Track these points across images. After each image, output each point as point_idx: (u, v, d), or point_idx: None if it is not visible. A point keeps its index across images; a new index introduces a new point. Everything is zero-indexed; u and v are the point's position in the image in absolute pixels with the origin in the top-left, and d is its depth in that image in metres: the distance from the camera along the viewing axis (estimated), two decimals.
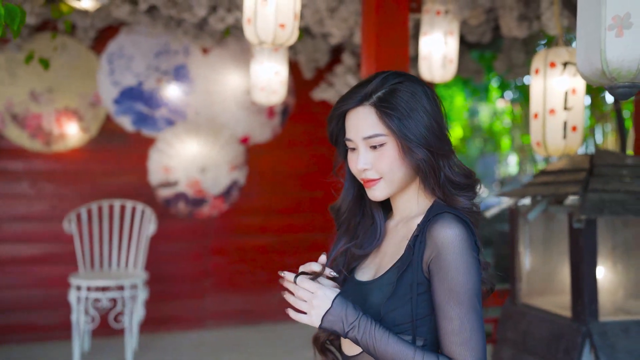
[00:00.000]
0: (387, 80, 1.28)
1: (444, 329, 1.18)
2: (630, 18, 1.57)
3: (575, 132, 2.71)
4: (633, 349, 2.49)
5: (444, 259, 1.18)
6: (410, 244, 1.25)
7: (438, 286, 1.19)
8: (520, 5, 3.73)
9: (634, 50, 1.56)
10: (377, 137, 1.27)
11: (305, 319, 1.23)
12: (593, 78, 1.68)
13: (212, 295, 5.29)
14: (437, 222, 1.21)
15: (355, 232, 1.44)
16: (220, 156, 5.23)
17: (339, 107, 1.33)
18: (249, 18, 2.63)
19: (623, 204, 2.46)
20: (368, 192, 1.34)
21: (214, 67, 5.20)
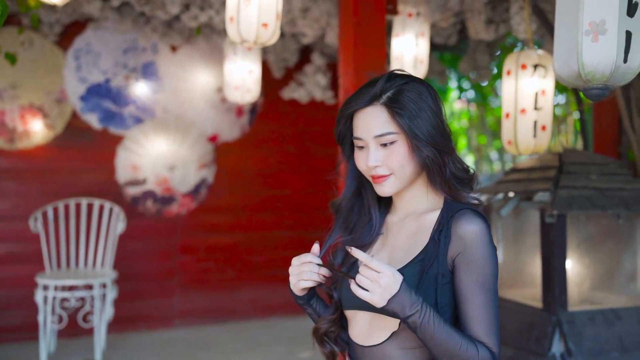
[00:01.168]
0: (394, 80, 1.34)
1: (471, 317, 1.26)
2: (605, 25, 1.68)
3: (545, 131, 2.84)
4: (598, 336, 2.63)
5: (473, 253, 1.26)
6: (435, 237, 1.31)
7: (466, 277, 1.26)
8: (487, 9, 3.86)
9: (607, 54, 1.68)
10: (388, 135, 1.32)
11: (368, 296, 1.21)
12: (569, 80, 1.78)
13: (181, 293, 5.27)
14: (462, 218, 1.29)
15: (352, 227, 1.48)
16: (189, 154, 5.21)
17: (348, 108, 1.38)
18: (231, 17, 2.65)
19: (590, 199, 2.60)
20: (377, 188, 1.38)
21: (183, 65, 5.18)
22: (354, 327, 1.40)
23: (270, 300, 5.54)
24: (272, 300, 5.55)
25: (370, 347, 1.35)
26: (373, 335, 1.34)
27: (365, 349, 1.36)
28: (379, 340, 1.33)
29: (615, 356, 2.63)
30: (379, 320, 1.34)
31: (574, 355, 2.55)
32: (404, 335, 1.30)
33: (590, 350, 2.58)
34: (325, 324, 1.46)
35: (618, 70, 1.68)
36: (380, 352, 1.33)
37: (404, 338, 1.31)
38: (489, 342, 1.25)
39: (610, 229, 2.93)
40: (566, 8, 1.75)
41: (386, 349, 1.32)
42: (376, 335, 1.34)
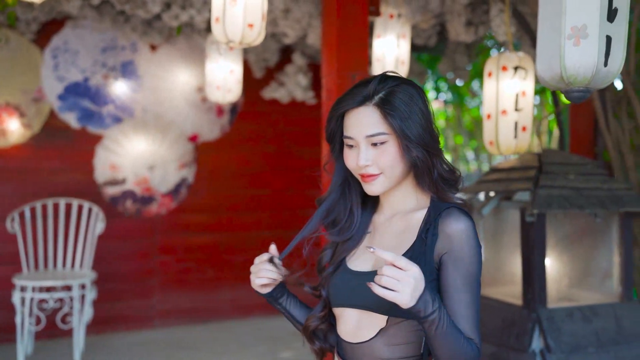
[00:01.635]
0: (386, 82, 1.36)
1: (458, 313, 1.28)
2: (587, 29, 1.73)
3: (525, 132, 2.90)
4: (576, 332, 2.70)
5: (460, 251, 1.29)
6: (422, 235, 1.33)
7: (454, 274, 1.28)
8: (467, 11, 3.92)
9: (589, 58, 1.72)
10: (379, 135, 1.34)
11: (398, 297, 1.15)
12: (552, 82, 1.83)
13: (161, 294, 5.25)
14: (449, 216, 1.31)
15: (335, 224, 1.51)
16: (169, 154, 5.19)
17: (340, 107, 1.40)
18: (217, 17, 2.66)
19: (568, 199, 2.67)
20: (366, 186, 1.40)
21: (163, 64, 5.15)
22: (342, 324, 1.42)
23: (251, 300, 5.54)
24: (252, 300, 5.55)
25: (358, 344, 1.37)
26: (361, 332, 1.37)
27: (354, 346, 1.38)
28: (367, 337, 1.35)
29: (592, 351, 2.70)
30: (367, 317, 1.36)
31: (553, 351, 2.62)
32: (392, 332, 1.33)
33: (568, 345, 2.65)
34: (314, 321, 1.50)
35: (599, 73, 1.73)
36: (369, 349, 1.35)
37: (392, 335, 1.33)
38: (474, 338, 1.28)
39: (587, 227, 3.00)
40: (549, 12, 1.80)
41: (374, 346, 1.34)
42: (364, 332, 1.36)
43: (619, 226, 2.89)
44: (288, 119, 5.66)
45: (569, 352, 2.64)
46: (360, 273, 1.41)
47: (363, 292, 1.34)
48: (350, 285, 1.40)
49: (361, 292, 1.35)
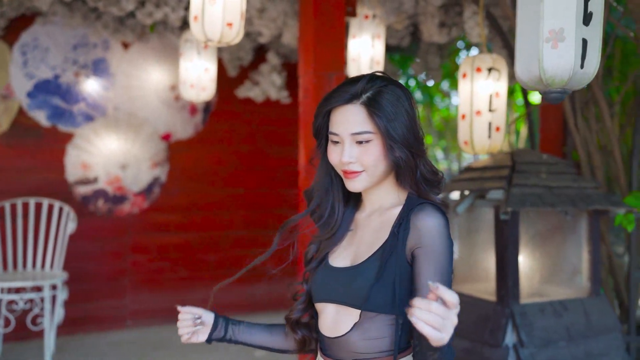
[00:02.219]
0: (374, 82, 1.38)
1: None
2: (564, 32, 1.79)
3: (499, 132, 2.96)
4: (547, 326, 2.77)
5: (430, 245, 1.29)
6: (394, 231, 1.36)
7: (426, 269, 1.29)
8: (441, 13, 3.98)
9: (566, 60, 1.78)
10: (365, 134, 1.36)
11: (435, 335, 1.03)
12: (530, 84, 1.88)
13: (133, 293, 5.20)
14: (421, 211, 1.33)
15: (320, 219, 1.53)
16: (141, 153, 5.14)
17: (328, 104, 1.41)
18: (195, 15, 2.65)
19: (541, 197, 2.74)
20: (348, 183, 1.42)
21: (135, 62, 5.10)
22: (322, 319, 1.45)
23: (224, 299, 5.46)
24: (226, 299, 5.48)
25: (336, 338, 1.39)
26: (339, 326, 1.39)
27: (333, 340, 1.40)
28: (344, 331, 1.38)
29: (563, 345, 2.78)
30: (344, 311, 1.38)
31: (526, 345, 2.68)
32: (366, 326, 1.35)
33: (540, 340, 2.72)
34: (296, 313, 1.54)
35: (576, 75, 1.79)
36: (345, 343, 1.37)
37: (366, 329, 1.35)
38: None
39: (557, 225, 3.09)
40: (527, 16, 1.84)
41: (350, 340, 1.37)
42: (341, 326, 1.38)
43: (588, 224, 2.98)
44: (262, 118, 5.66)
45: (541, 346, 2.71)
46: (338, 269, 1.43)
47: (339, 286, 1.38)
48: (328, 281, 1.43)
49: (337, 287, 1.39)
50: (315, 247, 1.55)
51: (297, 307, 1.54)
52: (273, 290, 5.79)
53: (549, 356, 2.73)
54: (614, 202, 2.91)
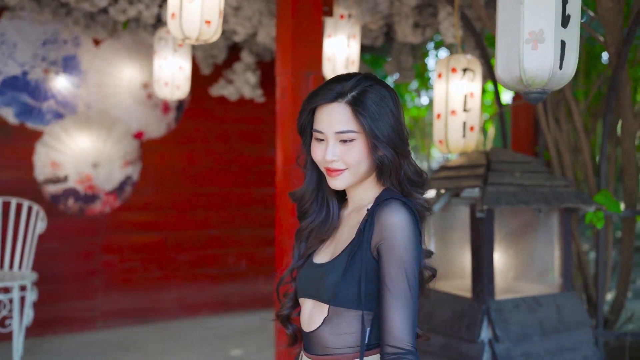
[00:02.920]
0: (360, 82, 1.39)
1: (388, 302, 1.31)
2: (544, 34, 1.83)
3: (473, 131, 3.02)
4: (522, 322, 2.83)
5: (392, 241, 1.31)
6: (360, 227, 1.38)
7: (387, 264, 1.31)
8: (415, 14, 4.03)
9: (546, 61, 1.82)
10: (349, 132, 1.37)
11: None
12: (511, 84, 1.92)
13: (104, 294, 5.12)
14: (385, 207, 1.34)
15: (314, 218, 1.53)
16: (113, 151, 5.07)
17: (313, 102, 1.42)
18: (173, 13, 2.63)
19: (515, 195, 2.80)
20: (330, 180, 1.43)
21: (107, 59, 5.03)
22: (301, 314, 1.49)
23: (198, 299, 5.50)
24: (199, 298, 5.51)
25: (310, 332, 1.42)
26: (312, 321, 1.42)
27: (308, 335, 1.43)
28: (316, 325, 1.41)
29: (536, 339, 2.85)
30: (317, 306, 1.41)
31: (501, 341, 2.74)
32: (335, 321, 1.37)
33: (515, 335, 2.78)
34: (285, 310, 1.56)
35: (555, 76, 1.83)
36: (318, 337, 1.41)
37: (336, 324, 1.38)
38: (403, 331, 1.29)
39: (530, 222, 3.15)
40: (507, 18, 1.88)
41: (321, 334, 1.40)
42: (314, 320, 1.41)
43: (559, 221, 3.05)
44: (235, 116, 5.64)
45: (516, 341, 2.77)
46: (316, 265, 1.46)
47: (314, 282, 1.42)
48: (308, 277, 1.46)
49: (313, 282, 1.43)
50: (305, 245, 1.55)
51: (286, 304, 1.56)
52: (247, 290, 5.78)
53: (524, 351, 2.79)
54: (584, 200, 2.99)
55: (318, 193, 1.53)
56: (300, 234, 1.55)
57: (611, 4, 3.07)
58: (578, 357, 2.98)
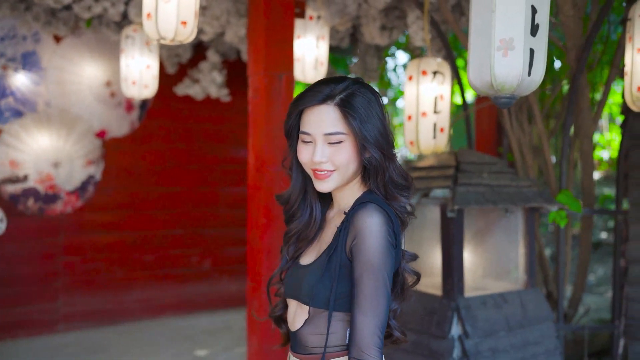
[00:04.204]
0: (347, 85, 1.42)
1: (355, 305, 1.34)
2: (514, 42, 1.91)
3: (443, 132, 3.10)
4: (489, 318, 2.93)
5: (362, 243, 1.33)
6: (338, 230, 1.41)
7: (357, 265, 1.34)
8: (382, 16, 4.09)
9: (515, 68, 1.91)
10: (338, 134, 1.39)
11: None
12: (482, 89, 2.00)
13: (66, 296, 5.02)
14: (360, 210, 1.37)
15: (300, 220, 1.54)
16: (75, 150, 4.97)
17: (301, 104, 1.43)
18: (148, 13, 2.62)
19: (484, 195, 2.89)
20: (317, 183, 1.43)
21: (68, 56, 4.93)
22: (288, 314, 1.53)
23: (162, 300, 5.45)
24: (164, 299, 5.46)
25: (295, 332, 1.47)
26: (296, 320, 1.46)
27: (293, 334, 1.48)
28: (299, 325, 1.45)
29: (503, 335, 2.95)
30: (300, 307, 1.46)
31: (470, 337, 2.83)
32: (315, 322, 1.41)
33: (483, 331, 2.87)
34: (278, 310, 1.60)
35: (524, 82, 1.91)
36: (301, 336, 1.45)
37: (315, 324, 1.41)
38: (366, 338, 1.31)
39: (496, 222, 3.25)
40: (480, 26, 1.96)
41: (303, 334, 1.44)
42: (297, 320, 1.46)
43: (524, 220, 3.16)
44: (200, 115, 5.60)
45: (484, 336, 2.86)
46: (300, 266, 1.50)
47: (297, 283, 1.46)
48: (293, 278, 1.50)
49: (295, 283, 1.47)
50: (294, 247, 1.56)
51: (278, 304, 1.60)
52: (212, 290, 5.76)
53: (491, 346, 2.89)
54: (547, 200, 3.10)
55: (305, 195, 1.54)
56: (288, 236, 1.56)
57: (572, 11, 3.19)
58: (541, 351, 3.09)
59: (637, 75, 2.66)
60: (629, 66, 2.71)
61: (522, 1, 1.90)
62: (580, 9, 3.26)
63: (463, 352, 2.83)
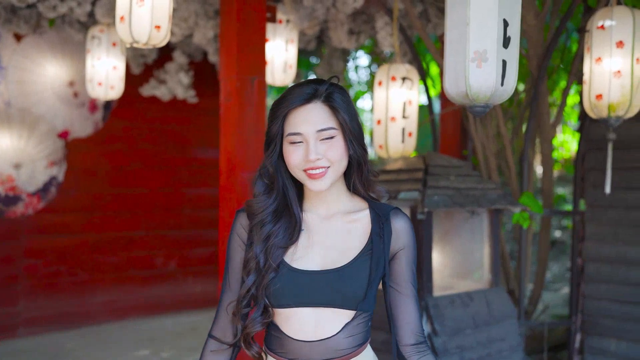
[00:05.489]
0: (328, 85, 1.45)
1: (409, 304, 1.48)
2: (487, 53, 2.00)
3: (411, 137, 3.19)
4: (457, 316, 3.03)
5: (411, 246, 1.49)
6: (379, 234, 1.45)
7: (408, 268, 1.48)
8: (350, 20, 4.16)
9: (489, 78, 2.00)
10: (330, 130, 1.41)
11: None
12: (457, 98, 2.09)
13: (27, 300, 4.92)
14: (398, 216, 1.48)
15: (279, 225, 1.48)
16: (37, 151, 4.88)
17: (285, 106, 1.42)
18: (122, 16, 2.61)
19: (452, 198, 2.99)
20: (312, 183, 1.41)
21: (30, 55, 4.82)
22: (294, 324, 1.43)
23: (127, 302, 5.39)
24: (128, 301, 5.40)
25: (319, 341, 1.42)
26: (322, 329, 1.42)
27: (312, 344, 1.42)
28: (331, 332, 1.42)
29: (469, 332, 3.06)
30: (330, 313, 1.42)
31: (439, 335, 2.92)
32: (354, 324, 1.44)
33: (451, 329, 2.97)
34: (258, 327, 1.46)
35: (497, 91, 2.01)
36: (332, 343, 1.42)
37: (353, 327, 1.44)
38: (421, 325, 1.53)
39: (462, 223, 3.36)
40: (454, 38, 2.04)
41: (337, 340, 1.42)
42: (327, 328, 1.42)
43: (489, 221, 3.28)
44: (166, 116, 5.56)
45: (452, 334, 2.96)
46: (315, 272, 1.43)
47: (323, 289, 1.41)
48: (303, 284, 1.42)
49: (321, 290, 1.41)
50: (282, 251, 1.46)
51: (257, 319, 1.45)
52: (177, 291, 5.73)
53: (458, 343, 2.99)
54: (511, 202, 3.23)
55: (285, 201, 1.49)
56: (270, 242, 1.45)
57: (534, 21, 3.33)
58: (505, 347, 3.22)
59: (596, 84, 2.80)
60: (588, 75, 2.84)
61: (495, 14, 1.98)
62: (542, 19, 3.40)
63: (432, 350, 2.92)
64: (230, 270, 1.53)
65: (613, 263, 3.72)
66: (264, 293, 1.43)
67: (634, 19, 2.71)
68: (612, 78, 2.72)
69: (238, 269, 1.51)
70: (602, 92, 2.76)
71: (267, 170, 1.48)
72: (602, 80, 2.76)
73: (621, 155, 3.51)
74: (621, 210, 3.68)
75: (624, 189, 3.63)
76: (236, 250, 1.52)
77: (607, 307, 3.73)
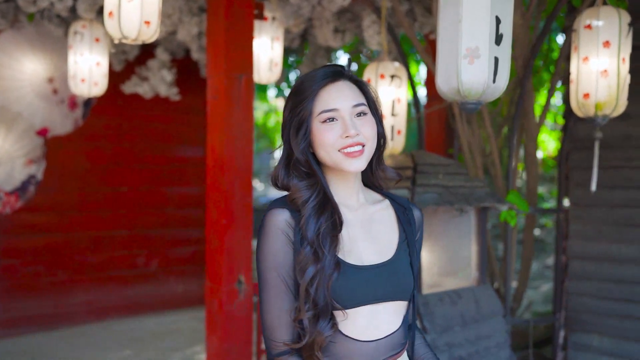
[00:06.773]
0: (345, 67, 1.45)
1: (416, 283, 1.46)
2: (479, 50, 2.01)
3: (400, 135, 3.19)
4: (446, 314, 3.04)
5: (422, 238, 1.55)
6: (407, 224, 1.46)
7: (419, 254, 1.53)
8: (335, 19, 4.15)
9: (481, 75, 2.00)
10: (363, 105, 1.37)
11: None
12: (450, 95, 2.09)
13: (5, 300, 4.82)
14: (414, 208, 1.54)
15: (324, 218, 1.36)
16: (15, 149, 4.78)
17: (317, 83, 1.35)
18: (110, 11, 2.56)
19: (441, 196, 2.99)
20: (350, 162, 1.33)
21: (7, 51, 4.72)
22: (352, 324, 1.33)
23: (107, 302, 5.31)
24: (108, 301, 5.32)
25: (384, 338, 1.36)
26: (383, 325, 1.36)
27: (379, 342, 1.35)
28: (394, 327, 1.38)
29: (458, 329, 3.07)
30: (388, 307, 1.36)
31: (429, 332, 2.93)
32: (405, 316, 1.43)
33: (440, 326, 2.98)
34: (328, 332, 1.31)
35: (489, 88, 2.02)
36: (395, 338, 1.37)
37: (406, 316, 1.44)
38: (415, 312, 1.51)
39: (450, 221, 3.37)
40: (447, 35, 2.04)
41: (400, 333, 1.39)
42: (389, 323, 1.37)
43: (476, 219, 3.30)
44: (148, 114, 5.49)
45: (441, 332, 2.97)
46: (371, 267, 1.36)
47: (382, 284, 1.34)
48: (364, 281, 1.33)
49: (379, 284, 1.34)
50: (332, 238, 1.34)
51: (326, 330, 1.30)
52: (159, 291, 5.67)
53: (447, 341, 3.00)
54: (498, 200, 3.24)
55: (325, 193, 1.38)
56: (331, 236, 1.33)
57: (521, 20, 3.35)
58: (492, 344, 3.24)
59: (583, 83, 2.82)
60: (575, 74, 2.87)
61: (487, 12, 1.99)
62: (528, 19, 3.42)
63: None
64: (278, 273, 1.33)
65: (597, 260, 3.77)
66: (327, 294, 1.29)
67: (620, 20, 2.75)
68: (599, 77, 2.75)
69: (290, 270, 1.33)
70: (590, 91, 2.78)
71: (298, 160, 1.37)
72: (589, 79, 2.79)
73: (605, 154, 3.56)
74: (605, 208, 3.73)
75: (607, 188, 3.68)
76: (285, 251, 1.33)
77: (591, 303, 3.78)
